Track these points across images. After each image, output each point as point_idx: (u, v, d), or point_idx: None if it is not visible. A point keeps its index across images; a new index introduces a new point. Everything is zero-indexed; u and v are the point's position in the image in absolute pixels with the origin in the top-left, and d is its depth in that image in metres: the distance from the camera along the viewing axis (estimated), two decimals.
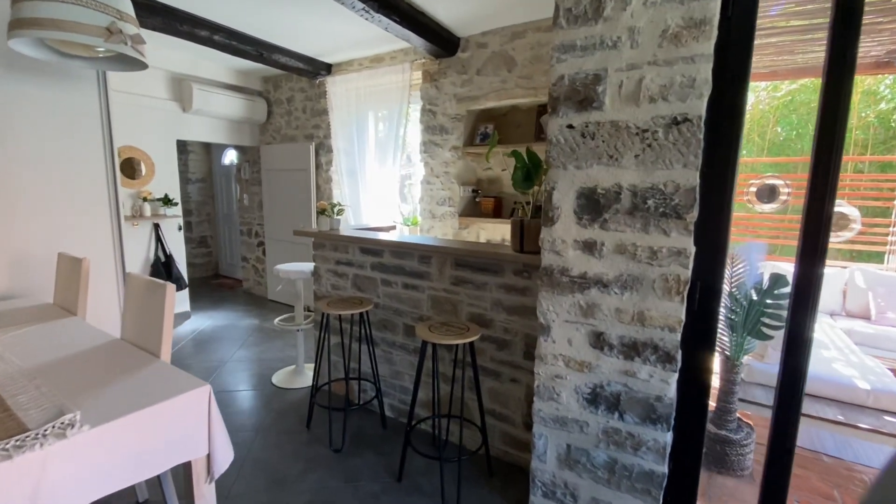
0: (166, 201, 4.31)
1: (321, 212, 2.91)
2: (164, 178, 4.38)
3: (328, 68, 4.42)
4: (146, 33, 3.46)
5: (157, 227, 4.31)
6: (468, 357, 2.29)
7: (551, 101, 1.61)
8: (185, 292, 4.61)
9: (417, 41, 3.26)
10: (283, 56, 3.94)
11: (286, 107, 4.99)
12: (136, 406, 1.30)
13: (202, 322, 4.56)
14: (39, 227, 2.97)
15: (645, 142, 1.47)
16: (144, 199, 4.15)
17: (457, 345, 2.20)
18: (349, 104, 4.30)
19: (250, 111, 4.93)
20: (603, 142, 1.53)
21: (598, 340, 1.63)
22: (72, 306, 2.26)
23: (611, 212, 1.55)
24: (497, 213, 3.67)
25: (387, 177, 4.18)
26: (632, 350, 1.58)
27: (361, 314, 2.51)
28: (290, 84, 4.87)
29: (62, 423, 1.19)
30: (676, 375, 1.52)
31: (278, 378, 3.23)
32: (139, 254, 4.21)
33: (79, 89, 3.10)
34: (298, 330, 3.23)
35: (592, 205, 1.58)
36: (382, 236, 2.66)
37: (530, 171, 1.70)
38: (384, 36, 3.58)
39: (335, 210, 2.96)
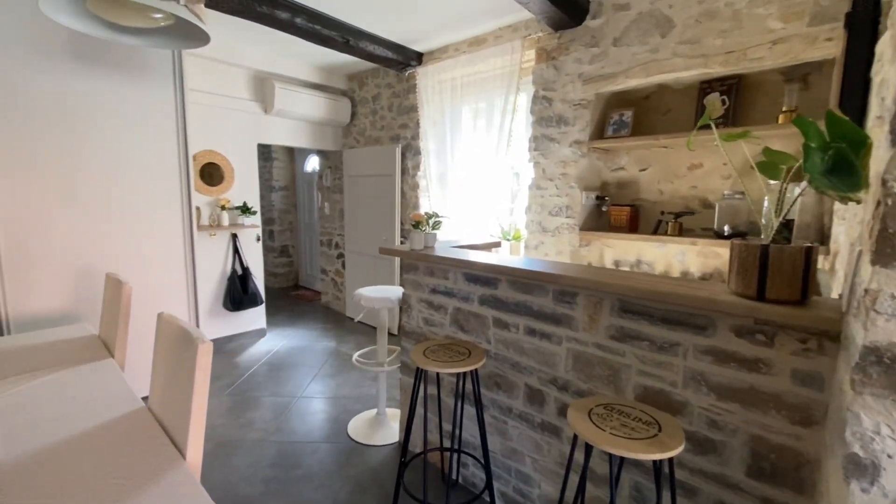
0: (245, 210, 3.99)
1: (415, 225, 2.27)
2: (244, 185, 4.07)
3: (419, 58, 3.84)
4: (227, 21, 3.10)
5: (234, 237, 4.00)
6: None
7: None
8: (261, 309, 4.26)
9: (538, 6, 2.53)
10: (370, 44, 3.42)
11: (371, 106, 4.51)
12: None
13: (277, 341, 4.17)
14: (105, 242, 2.64)
15: None
16: (223, 208, 3.85)
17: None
18: (442, 98, 3.67)
19: (333, 112, 4.52)
20: None
21: None
22: (116, 342, 1.80)
23: None
24: (633, 226, 2.79)
25: (485, 182, 3.48)
26: None
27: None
28: (377, 80, 4.38)
29: None
30: None
31: (355, 428, 2.62)
32: (216, 266, 3.92)
33: (152, 85, 2.74)
34: (382, 371, 2.61)
35: None
36: (496, 259, 1.93)
37: (846, 157, 0.86)
38: (491, 8, 2.90)
39: (432, 223, 2.30)
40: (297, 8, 2.87)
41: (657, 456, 1.11)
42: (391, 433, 2.56)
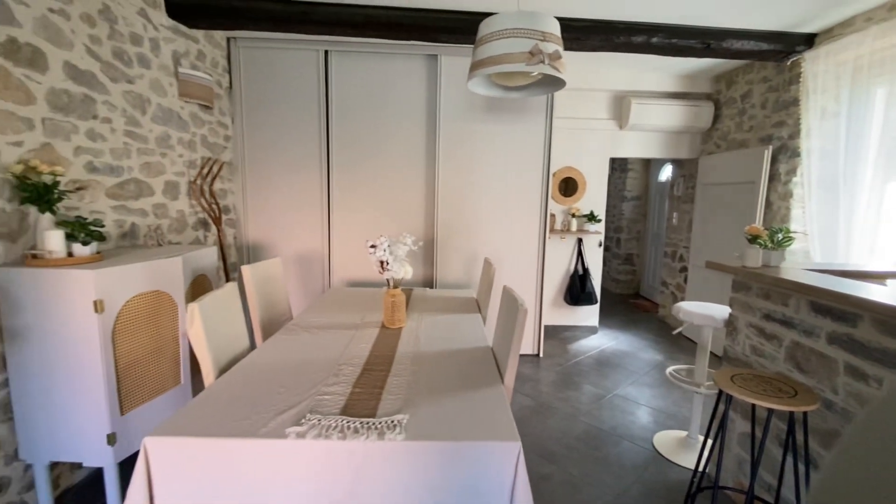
0: (591, 217, 4.47)
1: (752, 239, 2.04)
2: (593, 196, 4.56)
3: (809, 41, 3.14)
4: (587, 57, 3.64)
5: (580, 241, 4.57)
6: None
7: None
8: (595, 307, 4.67)
9: None
10: (736, 40, 3.12)
11: (739, 105, 4.02)
12: (441, 433, 1.23)
13: (607, 341, 4.46)
14: (486, 237, 3.73)
15: None
16: (573, 216, 4.48)
17: None
18: (837, 84, 2.88)
19: (692, 119, 4.32)
20: None
21: None
22: (483, 304, 2.63)
23: None
24: None
25: None
26: None
27: (792, 414, 1.53)
28: (749, 76, 3.87)
29: (391, 422, 1.26)
30: None
31: (661, 440, 2.60)
32: (562, 264, 4.61)
33: (530, 121, 3.61)
34: (697, 392, 2.46)
35: None
36: (852, 289, 1.51)
37: None
38: None
39: (778, 239, 2.00)
40: (653, 28, 3.02)
41: None
42: (695, 459, 2.38)
